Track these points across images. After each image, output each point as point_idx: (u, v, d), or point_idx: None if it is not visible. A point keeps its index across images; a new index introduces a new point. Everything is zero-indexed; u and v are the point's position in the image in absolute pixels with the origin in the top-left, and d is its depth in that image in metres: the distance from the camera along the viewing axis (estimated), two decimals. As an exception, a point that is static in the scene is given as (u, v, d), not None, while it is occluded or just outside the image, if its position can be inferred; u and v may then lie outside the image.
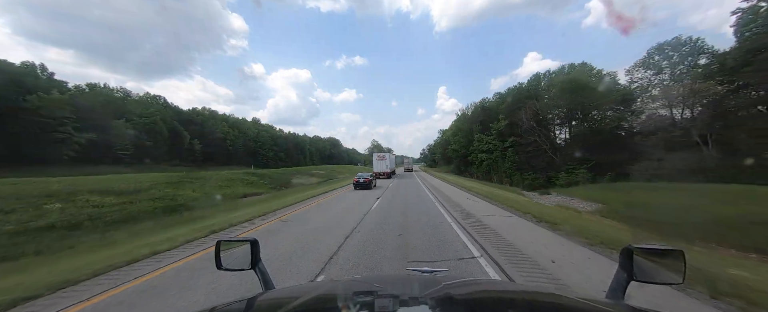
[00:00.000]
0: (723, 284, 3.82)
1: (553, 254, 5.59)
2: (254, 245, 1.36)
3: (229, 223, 9.58)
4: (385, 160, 35.14)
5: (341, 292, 1.22)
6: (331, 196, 18.63)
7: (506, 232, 7.53)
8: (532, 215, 9.93)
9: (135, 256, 5.87)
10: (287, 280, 4.60)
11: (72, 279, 4.69)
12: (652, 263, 1.11)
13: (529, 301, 1.11)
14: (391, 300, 1.02)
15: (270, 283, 1.35)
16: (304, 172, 48.51)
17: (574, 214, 13.77)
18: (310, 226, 9.09)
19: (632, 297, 1.24)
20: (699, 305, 3.54)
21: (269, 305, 1.05)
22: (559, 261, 5.20)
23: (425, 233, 7.50)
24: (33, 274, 5.71)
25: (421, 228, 8.27)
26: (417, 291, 1.15)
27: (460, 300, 0.99)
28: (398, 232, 7.62)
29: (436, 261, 5.34)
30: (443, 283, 1.20)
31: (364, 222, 9.44)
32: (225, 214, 12.97)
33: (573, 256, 5.51)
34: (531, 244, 6.36)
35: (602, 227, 9.64)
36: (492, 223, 8.64)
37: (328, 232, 7.84)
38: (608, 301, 1.08)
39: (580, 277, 4.47)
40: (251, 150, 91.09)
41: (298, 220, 10.46)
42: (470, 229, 7.96)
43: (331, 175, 50.79)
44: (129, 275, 4.96)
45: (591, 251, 5.83)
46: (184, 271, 5.09)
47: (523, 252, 5.75)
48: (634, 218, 13.83)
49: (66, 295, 4.22)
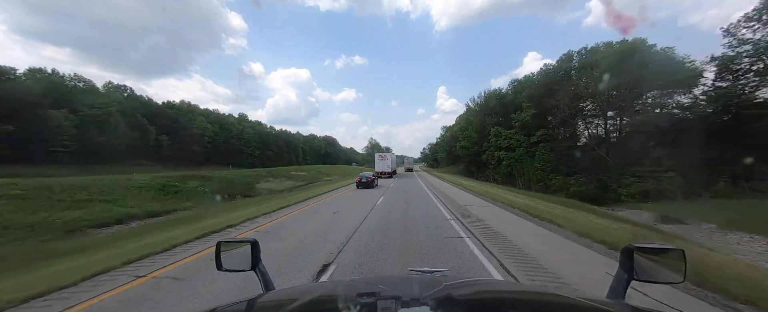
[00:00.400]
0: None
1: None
2: (255, 246, 1.34)
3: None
4: (386, 160, 35.59)
5: (342, 292, 1.21)
6: (294, 214, 11.78)
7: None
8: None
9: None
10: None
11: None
12: (652, 263, 1.11)
13: (530, 301, 1.11)
14: (392, 301, 1.03)
15: (270, 284, 1.34)
16: (281, 173, 39.26)
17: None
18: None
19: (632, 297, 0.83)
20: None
21: (270, 306, 1.05)
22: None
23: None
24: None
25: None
26: (418, 292, 1.13)
27: (460, 300, 0.99)
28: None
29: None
30: (444, 283, 1.18)
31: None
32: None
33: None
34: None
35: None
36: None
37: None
38: (609, 300, 1.07)
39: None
40: (235, 148, 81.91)
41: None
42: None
43: (316, 177, 41.54)
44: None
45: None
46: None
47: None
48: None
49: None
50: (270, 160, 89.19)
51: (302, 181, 35.80)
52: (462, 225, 9.11)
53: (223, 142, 78.68)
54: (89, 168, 39.95)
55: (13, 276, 5.67)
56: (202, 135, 71.94)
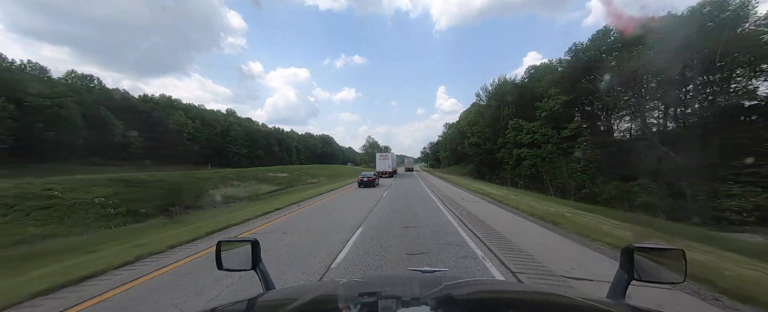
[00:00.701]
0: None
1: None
2: (255, 245, 1.33)
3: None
4: (387, 160, 35.50)
5: (342, 292, 1.19)
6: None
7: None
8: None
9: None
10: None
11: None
12: (652, 263, 1.10)
13: (530, 301, 1.10)
14: (392, 300, 1.02)
15: (271, 284, 1.33)
16: (253, 175, 32.15)
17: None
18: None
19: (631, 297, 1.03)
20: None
21: (270, 306, 1.04)
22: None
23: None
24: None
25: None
26: (418, 291, 1.13)
27: (460, 300, 0.98)
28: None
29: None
30: (444, 283, 1.17)
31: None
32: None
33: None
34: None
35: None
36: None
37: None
38: (609, 300, 1.06)
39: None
40: (219, 146, 74.93)
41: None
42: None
43: (298, 178, 34.50)
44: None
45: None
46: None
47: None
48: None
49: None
50: (260, 159, 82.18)
51: (278, 185, 28.76)
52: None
53: (206, 139, 71.67)
54: (26, 168, 33.02)
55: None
56: (181, 131, 64.93)
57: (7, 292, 4.04)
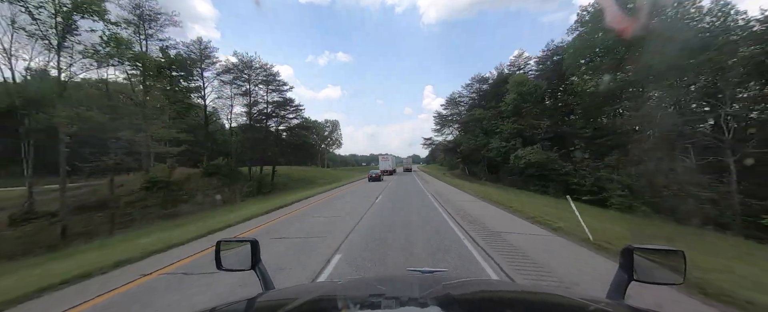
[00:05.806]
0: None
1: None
2: (254, 245, 1.34)
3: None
4: (388, 161, 48.15)
5: (341, 292, 1.20)
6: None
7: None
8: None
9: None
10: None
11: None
12: (652, 263, 1.11)
13: (529, 301, 1.11)
14: (391, 300, 1.03)
15: (270, 284, 1.34)
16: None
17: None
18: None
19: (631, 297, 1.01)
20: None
21: (269, 306, 1.05)
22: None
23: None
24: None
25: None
26: (417, 291, 1.12)
27: (460, 300, 0.99)
28: None
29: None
30: (443, 283, 1.19)
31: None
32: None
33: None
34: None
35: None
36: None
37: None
38: (608, 301, 1.06)
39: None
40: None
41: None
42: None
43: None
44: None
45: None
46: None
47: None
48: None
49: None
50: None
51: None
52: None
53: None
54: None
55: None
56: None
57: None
